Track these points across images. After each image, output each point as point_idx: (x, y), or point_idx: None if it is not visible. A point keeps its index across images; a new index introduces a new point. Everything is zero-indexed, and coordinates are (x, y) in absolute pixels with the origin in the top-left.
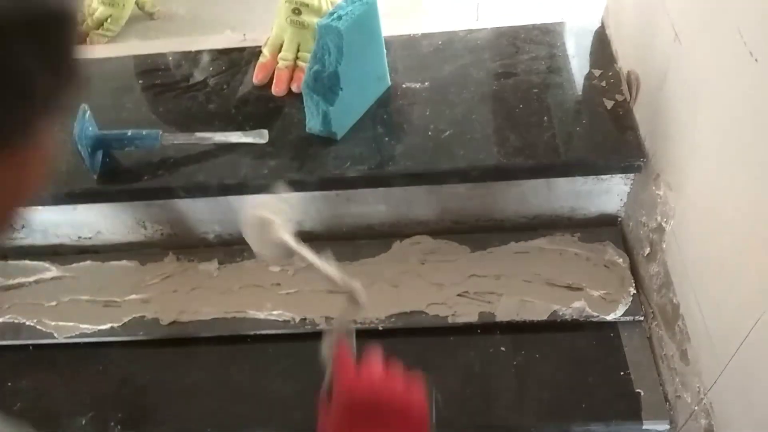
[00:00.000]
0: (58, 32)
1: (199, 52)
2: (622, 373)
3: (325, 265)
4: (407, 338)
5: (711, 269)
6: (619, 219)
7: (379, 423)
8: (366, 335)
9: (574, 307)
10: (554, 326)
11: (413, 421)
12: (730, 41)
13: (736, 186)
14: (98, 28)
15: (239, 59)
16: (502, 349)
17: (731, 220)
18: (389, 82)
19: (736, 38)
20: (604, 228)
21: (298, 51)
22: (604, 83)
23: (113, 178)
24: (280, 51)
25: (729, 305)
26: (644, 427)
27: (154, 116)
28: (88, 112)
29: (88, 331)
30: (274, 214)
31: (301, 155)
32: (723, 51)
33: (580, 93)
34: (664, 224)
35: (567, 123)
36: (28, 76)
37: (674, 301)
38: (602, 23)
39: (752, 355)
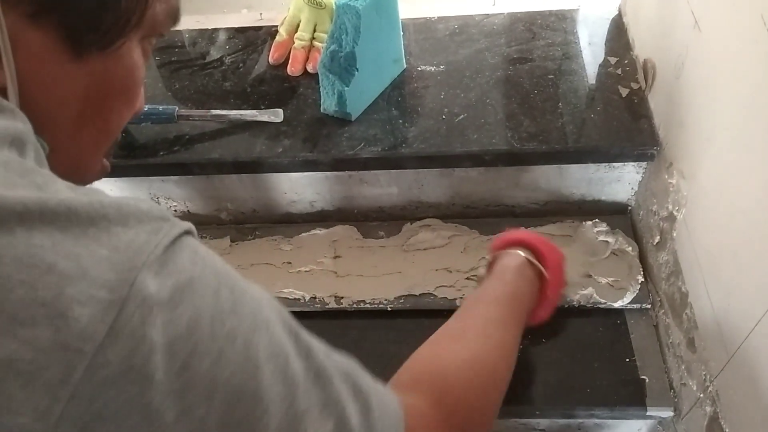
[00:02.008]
0: None
1: (215, 30)
2: (627, 360)
3: None
4: (415, 320)
5: (723, 258)
6: (630, 207)
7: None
8: (374, 316)
9: (582, 294)
10: (561, 312)
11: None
12: (753, 28)
13: (750, 175)
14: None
15: (255, 38)
16: None
17: (745, 208)
18: (404, 65)
19: (758, 25)
20: (614, 216)
21: (314, 31)
22: (619, 71)
23: (129, 153)
24: (296, 31)
25: (740, 293)
26: (648, 413)
27: (169, 93)
28: None
29: None
30: None
31: (315, 135)
32: (745, 38)
33: (595, 80)
34: (675, 213)
35: (581, 110)
36: None
37: (683, 289)
38: (619, 11)
39: (761, 343)
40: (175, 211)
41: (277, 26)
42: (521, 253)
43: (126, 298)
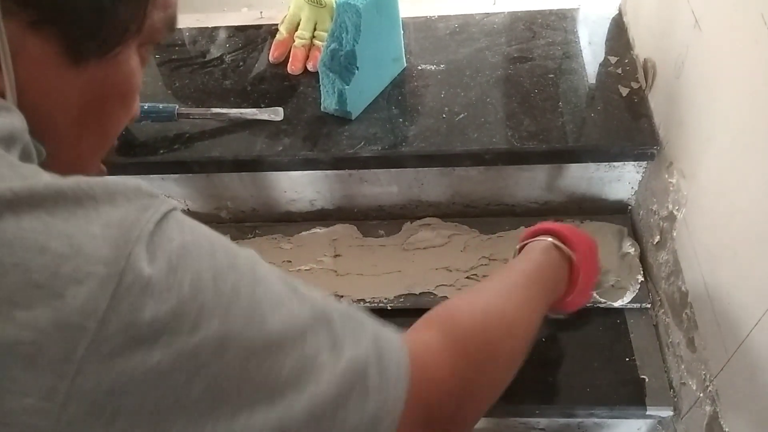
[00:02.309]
0: None
1: (215, 29)
2: (627, 359)
3: None
4: (415, 319)
5: (723, 257)
6: (630, 207)
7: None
8: (374, 314)
9: None
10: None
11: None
12: (754, 28)
13: (751, 174)
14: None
15: (256, 36)
16: None
17: (745, 208)
18: (405, 64)
19: (759, 24)
20: (614, 215)
21: (314, 29)
22: (620, 70)
23: (128, 151)
24: (296, 29)
25: (740, 293)
26: (648, 412)
27: (170, 91)
28: None
29: None
30: None
31: (315, 134)
32: (745, 38)
33: (596, 79)
34: (675, 212)
35: (581, 109)
36: None
37: (683, 289)
38: (619, 10)
39: (761, 342)
40: None
41: (277, 25)
42: (548, 238)
43: (123, 271)
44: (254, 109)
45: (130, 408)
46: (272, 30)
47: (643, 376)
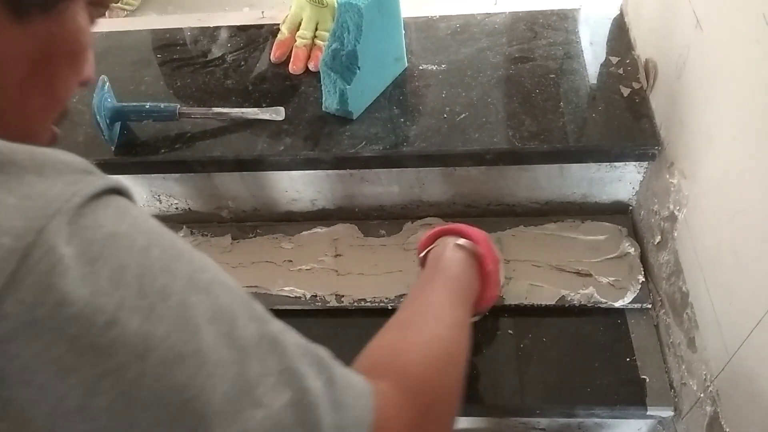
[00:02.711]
0: None
1: (217, 28)
2: (628, 359)
3: None
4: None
5: (724, 257)
6: (631, 207)
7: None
8: (375, 314)
9: (583, 293)
10: (562, 311)
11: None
12: (755, 28)
13: (752, 175)
14: (118, 2)
15: (257, 36)
16: (510, 332)
17: (746, 208)
18: (406, 63)
19: (760, 25)
20: (615, 216)
21: (316, 29)
22: (621, 71)
23: (130, 151)
24: (298, 29)
25: (741, 293)
26: (649, 412)
27: (171, 90)
28: (108, 83)
29: None
30: None
31: (316, 133)
32: (746, 38)
33: (597, 80)
34: (676, 212)
35: (582, 109)
36: None
37: (683, 289)
38: (621, 10)
39: (762, 343)
40: (177, 208)
41: (278, 24)
42: (449, 240)
43: (31, 245)
44: (255, 109)
45: (21, 403)
46: (274, 30)
47: (643, 377)
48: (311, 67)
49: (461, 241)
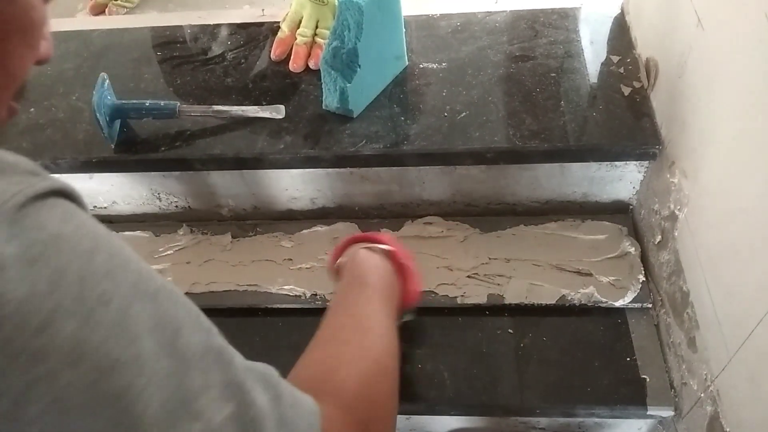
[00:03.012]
0: None
1: (217, 26)
2: (628, 359)
3: None
4: (417, 317)
5: (725, 257)
6: (631, 207)
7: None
8: None
9: (583, 293)
10: (562, 310)
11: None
12: (757, 27)
13: (753, 174)
14: None
15: (257, 34)
16: (510, 331)
17: (747, 207)
18: (407, 62)
19: (762, 24)
20: (616, 215)
21: (316, 27)
22: (622, 70)
23: (130, 148)
24: (298, 27)
25: (742, 293)
26: (649, 412)
27: (171, 88)
28: (107, 81)
29: None
30: None
31: (316, 132)
32: (748, 37)
33: (598, 79)
34: (677, 212)
35: (583, 108)
36: None
37: (684, 288)
38: (622, 9)
39: (763, 342)
40: (176, 206)
41: (279, 22)
42: (354, 247)
43: None
44: (256, 107)
45: None
46: (274, 28)
47: (644, 376)
48: (311, 65)
49: (369, 245)
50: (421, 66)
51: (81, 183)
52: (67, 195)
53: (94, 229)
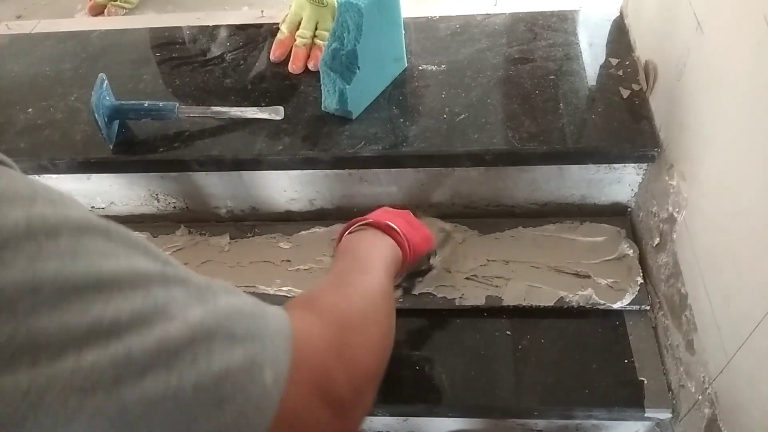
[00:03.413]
0: None
1: (216, 27)
2: (626, 361)
3: None
4: (415, 319)
5: (723, 259)
6: (629, 209)
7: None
8: None
9: (581, 295)
10: (560, 312)
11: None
12: (756, 30)
13: (751, 177)
14: (117, 0)
15: (256, 35)
16: (508, 333)
17: (745, 210)
18: (406, 64)
19: (761, 27)
20: (614, 217)
21: (316, 29)
22: (621, 72)
23: (128, 149)
24: (298, 28)
25: (740, 295)
26: (646, 414)
27: (170, 89)
28: (106, 81)
29: None
30: None
31: (315, 133)
32: (747, 40)
33: (596, 81)
34: (675, 214)
35: (582, 111)
36: None
37: (682, 291)
38: (621, 12)
39: (761, 345)
40: (175, 207)
41: (278, 24)
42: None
43: None
44: (254, 108)
45: None
46: (273, 29)
47: (641, 378)
48: (311, 66)
49: (367, 224)
50: (420, 68)
51: (79, 183)
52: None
53: (30, 181)
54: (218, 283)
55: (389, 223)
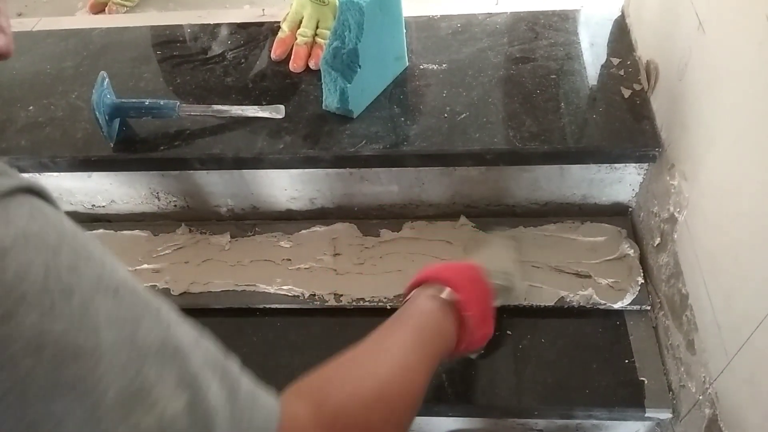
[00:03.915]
0: None
1: (217, 26)
2: (626, 361)
3: None
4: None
5: (724, 260)
6: (630, 209)
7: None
8: (374, 314)
9: (582, 294)
10: (561, 312)
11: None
12: (758, 30)
13: (753, 177)
14: None
15: (257, 34)
16: (509, 332)
17: (747, 210)
18: (407, 63)
19: (764, 27)
20: (615, 217)
21: (317, 27)
22: (622, 72)
23: (129, 147)
24: (299, 27)
25: (741, 295)
26: (647, 414)
27: (170, 88)
28: (107, 79)
29: None
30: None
31: (316, 132)
32: (749, 40)
33: (598, 81)
34: (676, 214)
35: (583, 110)
36: None
37: (683, 291)
38: (622, 12)
39: (762, 345)
40: (175, 206)
41: (279, 22)
42: (424, 289)
43: None
44: (255, 107)
45: None
46: (274, 27)
47: (642, 378)
48: (312, 65)
49: (441, 293)
50: (422, 67)
51: (79, 182)
52: (35, 192)
53: (61, 225)
54: (217, 361)
55: (467, 316)
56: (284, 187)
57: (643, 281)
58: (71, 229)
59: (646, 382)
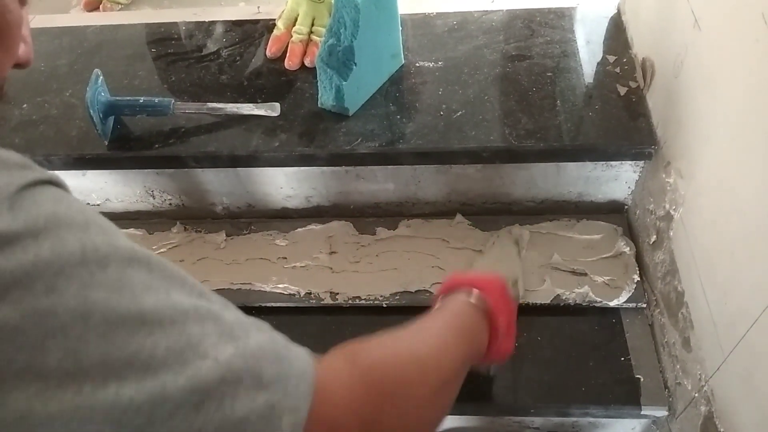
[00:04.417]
0: None
1: (212, 23)
2: (622, 359)
3: None
4: (411, 316)
5: (719, 257)
6: (626, 206)
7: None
8: (369, 312)
9: (578, 292)
10: (557, 310)
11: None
12: (754, 27)
13: (748, 174)
14: None
15: (253, 31)
16: None
17: (742, 208)
18: (403, 60)
19: (759, 24)
20: (611, 215)
21: (312, 25)
22: (618, 69)
23: (124, 145)
24: (294, 24)
25: (737, 293)
26: (643, 412)
27: (165, 85)
28: (101, 77)
29: None
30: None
31: (312, 130)
32: (745, 37)
33: (594, 78)
34: (672, 212)
35: (579, 108)
36: None
37: (679, 288)
38: (618, 9)
39: (758, 342)
40: (170, 204)
41: (274, 20)
42: (461, 295)
43: None
44: (251, 105)
45: None
46: (269, 25)
47: (638, 376)
48: (307, 62)
49: (473, 298)
50: (418, 64)
51: (74, 180)
52: (55, 183)
53: (83, 208)
54: (248, 320)
55: (499, 320)
56: (280, 185)
57: (639, 279)
58: (93, 212)
59: (642, 379)
